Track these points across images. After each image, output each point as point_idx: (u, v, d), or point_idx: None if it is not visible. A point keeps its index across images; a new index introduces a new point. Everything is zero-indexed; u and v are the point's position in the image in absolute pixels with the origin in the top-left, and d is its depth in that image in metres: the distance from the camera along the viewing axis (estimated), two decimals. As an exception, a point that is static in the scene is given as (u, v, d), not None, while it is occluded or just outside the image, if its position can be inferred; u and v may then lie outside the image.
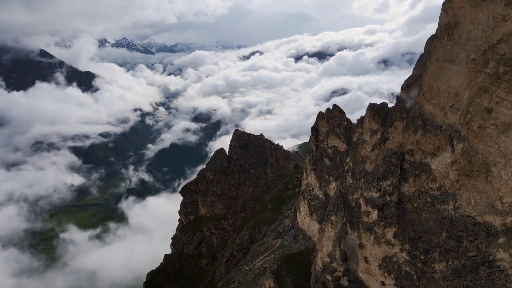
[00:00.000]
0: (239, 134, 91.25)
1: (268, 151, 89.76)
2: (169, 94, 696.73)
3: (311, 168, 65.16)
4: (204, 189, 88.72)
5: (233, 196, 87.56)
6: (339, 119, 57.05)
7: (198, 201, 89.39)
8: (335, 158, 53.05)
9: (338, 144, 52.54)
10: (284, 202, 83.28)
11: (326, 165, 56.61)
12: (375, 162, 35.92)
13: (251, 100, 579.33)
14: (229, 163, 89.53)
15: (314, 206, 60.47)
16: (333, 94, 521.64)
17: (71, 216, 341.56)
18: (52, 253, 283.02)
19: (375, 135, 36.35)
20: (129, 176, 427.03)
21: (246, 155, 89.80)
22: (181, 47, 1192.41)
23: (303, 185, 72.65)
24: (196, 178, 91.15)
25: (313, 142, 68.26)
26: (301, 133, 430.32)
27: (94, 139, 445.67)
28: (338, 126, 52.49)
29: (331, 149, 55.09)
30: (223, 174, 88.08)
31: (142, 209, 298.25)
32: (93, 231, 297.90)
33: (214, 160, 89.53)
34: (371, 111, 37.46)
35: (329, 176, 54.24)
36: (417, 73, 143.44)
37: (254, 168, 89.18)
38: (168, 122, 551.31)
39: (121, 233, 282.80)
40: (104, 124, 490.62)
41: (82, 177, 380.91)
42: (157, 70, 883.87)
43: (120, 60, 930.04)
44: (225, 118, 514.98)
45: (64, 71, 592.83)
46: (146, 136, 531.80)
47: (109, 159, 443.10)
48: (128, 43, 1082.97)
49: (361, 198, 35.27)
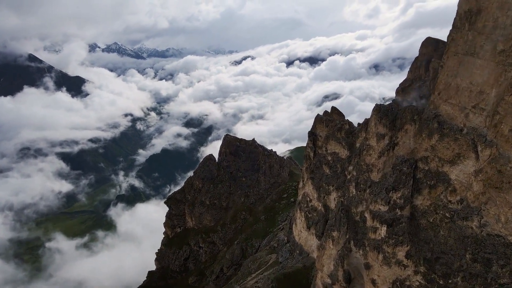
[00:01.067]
0: (229, 139, 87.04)
1: (260, 158, 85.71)
2: (161, 99, 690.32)
3: (309, 176, 61.18)
4: (191, 199, 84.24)
5: (223, 207, 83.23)
6: (340, 123, 53.75)
7: (185, 212, 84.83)
8: (335, 166, 49.72)
9: (339, 150, 49.19)
10: (279, 213, 79.14)
11: (325, 173, 53.23)
12: (382, 171, 32.47)
13: (242, 105, 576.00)
14: (218, 170, 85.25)
15: (312, 218, 56.92)
16: (325, 99, 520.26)
17: (59, 224, 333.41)
18: (37, 263, 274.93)
19: (382, 140, 32.64)
20: (119, 182, 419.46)
21: (237, 162, 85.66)
22: (172, 52, 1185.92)
23: (300, 195, 68.19)
24: (183, 187, 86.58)
25: (310, 148, 63.94)
26: (293, 138, 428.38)
27: (83, 145, 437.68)
28: (338, 130, 49.18)
29: (331, 156, 51.68)
30: (212, 183, 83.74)
31: (131, 216, 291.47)
32: (80, 239, 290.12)
33: (203, 167, 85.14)
34: (378, 112, 33.63)
35: (329, 185, 50.99)
36: (412, 76, 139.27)
37: (245, 176, 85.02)
38: (159, 127, 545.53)
39: (109, 241, 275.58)
40: (93, 130, 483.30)
41: (70, 183, 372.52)
42: (148, 75, 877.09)
43: (111, 65, 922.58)
44: (216, 123, 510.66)
45: (54, 76, 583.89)
46: (137, 141, 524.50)
47: (98, 165, 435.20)
48: (119, 48, 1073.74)
49: (367, 212, 31.73)
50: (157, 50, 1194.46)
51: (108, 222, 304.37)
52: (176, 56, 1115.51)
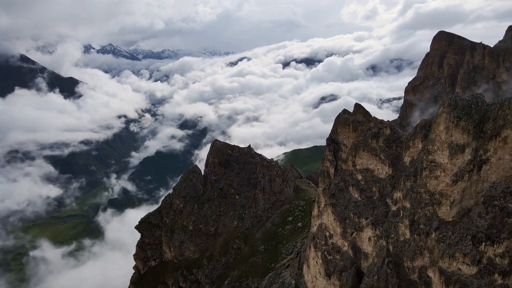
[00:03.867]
0: (219, 146, 66.11)
1: (258, 169, 65.02)
2: (155, 100, 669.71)
3: (328, 202, 42.99)
4: (170, 223, 63.21)
5: (211, 233, 62.40)
6: (376, 126, 37.66)
7: (161, 240, 63.74)
8: (369, 189, 36.18)
9: (375, 166, 35.64)
10: (282, 242, 58.54)
11: (353, 199, 38.57)
12: (459, 205, 22.08)
13: (238, 107, 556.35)
14: (205, 186, 64.47)
15: (334, 263, 40.44)
16: (322, 101, 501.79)
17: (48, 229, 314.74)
18: (21, 273, 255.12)
19: (460, 154, 21.62)
20: (111, 185, 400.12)
21: (228, 175, 64.99)
22: (168, 53, 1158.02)
23: (314, 225, 48.70)
24: (160, 207, 65.53)
25: (330, 162, 45.85)
26: (288, 140, 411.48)
27: (74, 147, 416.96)
28: (374, 137, 35.97)
29: (362, 174, 37.56)
30: (197, 202, 62.94)
31: (120, 223, 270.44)
32: (67, 247, 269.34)
33: (185, 182, 64.19)
34: (453, 109, 21.99)
35: (360, 218, 36.47)
36: (423, 74, 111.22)
37: (239, 193, 64.33)
38: (154, 129, 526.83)
39: (96, 250, 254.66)
40: (86, 131, 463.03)
41: (58, 188, 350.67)
42: (144, 76, 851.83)
43: (106, 67, 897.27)
44: (211, 125, 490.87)
45: (46, 76, 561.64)
46: (130, 143, 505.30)
47: (90, 168, 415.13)
48: (114, 49, 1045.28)
49: (433, 270, 22.28)
50: (152, 51, 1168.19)
51: (96, 229, 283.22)
52: (171, 57, 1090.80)
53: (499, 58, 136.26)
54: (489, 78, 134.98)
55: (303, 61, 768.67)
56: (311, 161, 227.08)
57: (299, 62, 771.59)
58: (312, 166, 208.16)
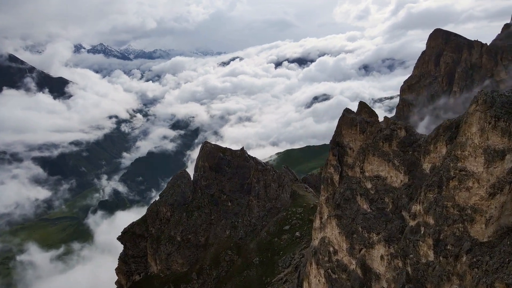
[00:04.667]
0: (209, 149, 60.59)
1: (253, 174, 59.68)
2: (147, 100, 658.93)
3: (332, 214, 37.82)
4: (156, 233, 57.59)
5: (201, 244, 56.91)
6: (389, 126, 32.86)
7: (146, 252, 58.10)
8: (381, 200, 31.27)
9: (388, 173, 30.98)
10: (279, 254, 53.30)
11: (361, 210, 33.97)
12: (496, 223, 18.37)
13: (230, 107, 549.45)
14: (194, 193, 58.95)
15: (340, 283, 35.21)
16: (315, 100, 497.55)
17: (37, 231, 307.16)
18: (8, 278, 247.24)
19: (499, 161, 17.56)
20: (102, 187, 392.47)
21: (220, 181, 59.56)
22: (160, 53, 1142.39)
23: (316, 239, 43.79)
24: (145, 216, 59.83)
25: (334, 168, 41.40)
26: (280, 140, 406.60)
27: (64, 148, 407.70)
28: (386, 139, 31.26)
29: (373, 182, 32.76)
30: (186, 210, 57.41)
31: (110, 225, 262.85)
32: (55, 251, 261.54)
33: (172, 188, 58.61)
34: (489, 107, 17.97)
35: (370, 232, 31.67)
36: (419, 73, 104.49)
37: (232, 199, 58.94)
38: (145, 130, 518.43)
39: (86, 253, 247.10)
40: (76, 132, 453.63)
41: (47, 190, 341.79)
42: (135, 76, 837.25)
43: (96, 66, 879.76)
44: (203, 125, 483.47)
45: (35, 76, 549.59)
46: (122, 144, 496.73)
47: (80, 169, 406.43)
48: (105, 49, 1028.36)
49: None
50: (144, 51, 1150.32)
51: (85, 232, 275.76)
52: (163, 57, 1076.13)
53: (497, 56, 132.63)
54: (487, 76, 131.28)
55: (295, 60, 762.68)
56: (304, 161, 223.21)
57: (291, 62, 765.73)
58: (306, 166, 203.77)
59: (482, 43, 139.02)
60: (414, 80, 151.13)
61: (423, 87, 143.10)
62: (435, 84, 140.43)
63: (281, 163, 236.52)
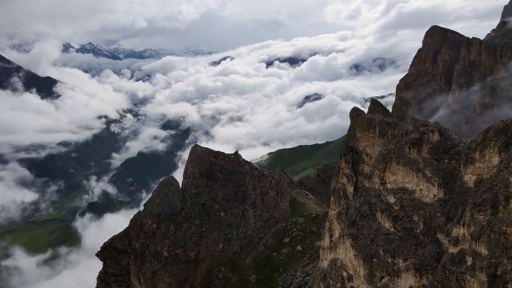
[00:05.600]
0: (199, 153, 54.02)
1: (248, 181, 53.34)
2: (137, 100, 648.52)
3: (346, 232, 32.58)
4: (140, 248, 50.93)
5: (190, 259, 50.37)
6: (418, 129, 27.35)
7: (130, 270, 51.38)
8: (408, 218, 25.92)
9: (417, 185, 25.61)
10: (278, 270, 47.05)
11: (383, 230, 28.06)
12: None
13: (221, 107, 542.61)
14: (183, 202, 52.42)
15: None
16: (306, 100, 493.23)
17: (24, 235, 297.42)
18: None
19: None
20: (91, 188, 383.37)
21: (212, 188, 53.11)
22: (150, 53, 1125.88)
23: (324, 259, 36.91)
24: (128, 228, 53.12)
25: (347, 178, 35.36)
26: (272, 140, 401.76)
27: (52, 149, 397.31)
28: (415, 145, 25.95)
29: (397, 196, 27.16)
30: (174, 222, 50.87)
31: (98, 228, 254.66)
32: (42, 255, 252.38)
33: (158, 197, 52.00)
34: None
35: (395, 257, 26.27)
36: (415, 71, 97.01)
37: (225, 209, 52.55)
38: (136, 130, 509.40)
39: (73, 257, 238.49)
40: (64, 132, 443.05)
41: (34, 192, 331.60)
42: (125, 76, 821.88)
43: (86, 66, 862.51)
44: (194, 125, 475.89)
45: (22, 76, 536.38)
46: (111, 144, 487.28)
47: (68, 170, 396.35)
48: (94, 48, 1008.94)
49: None
50: (134, 51, 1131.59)
51: (73, 236, 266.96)
52: (153, 57, 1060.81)
53: (496, 53, 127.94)
54: (486, 74, 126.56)
55: (286, 60, 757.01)
56: (296, 161, 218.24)
57: (282, 61, 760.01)
58: (298, 166, 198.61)
59: (480, 40, 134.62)
60: (411, 78, 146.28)
61: (420, 85, 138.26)
62: (433, 82, 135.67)
63: (272, 163, 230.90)
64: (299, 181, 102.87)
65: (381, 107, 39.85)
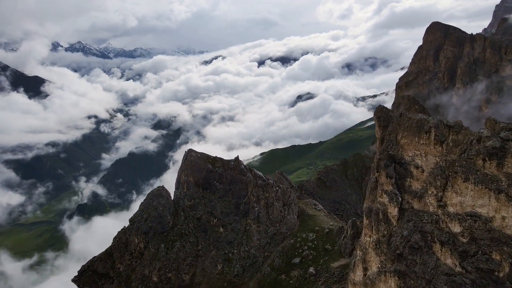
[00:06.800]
0: (194, 159, 46.11)
1: (251, 191, 45.71)
2: (128, 100, 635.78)
3: (391, 268, 25.62)
4: (125, 271, 42.90)
5: (184, 284, 42.50)
6: (497, 136, 20.59)
7: (112, 299, 43.46)
8: (484, 255, 20.00)
9: (497, 211, 19.44)
10: (288, 298, 39.61)
11: (444, 268, 21.94)
12: None
13: (213, 106, 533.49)
14: (176, 215, 44.52)
15: None
16: (298, 99, 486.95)
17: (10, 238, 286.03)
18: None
19: None
20: (80, 189, 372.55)
21: (209, 200, 45.32)
22: (140, 52, 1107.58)
23: None
24: (110, 248, 45.03)
25: (390, 196, 24.40)
26: (264, 140, 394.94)
27: (39, 150, 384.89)
28: (494, 156, 19.53)
29: (464, 224, 20.88)
30: (164, 240, 42.99)
31: (86, 232, 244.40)
32: (28, 260, 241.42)
33: (146, 211, 44.06)
34: None
35: None
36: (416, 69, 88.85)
37: (224, 224, 44.84)
38: (126, 130, 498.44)
39: (60, 262, 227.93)
40: (52, 133, 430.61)
41: (20, 194, 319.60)
42: (115, 75, 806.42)
43: (75, 65, 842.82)
44: (185, 125, 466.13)
45: (9, 75, 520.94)
46: (101, 145, 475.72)
47: (56, 171, 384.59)
48: (84, 47, 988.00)
49: None
50: (124, 50, 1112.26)
51: (60, 239, 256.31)
52: (144, 56, 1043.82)
53: (500, 50, 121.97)
54: (491, 71, 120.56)
55: (278, 59, 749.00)
56: (289, 161, 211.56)
57: (274, 60, 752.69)
58: (291, 166, 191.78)
59: (485, 36, 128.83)
60: (411, 76, 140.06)
61: (422, 83, 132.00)
62: (436, 80, 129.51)
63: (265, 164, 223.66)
64: (299, 185, 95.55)
65: (418, 105, 32.54)
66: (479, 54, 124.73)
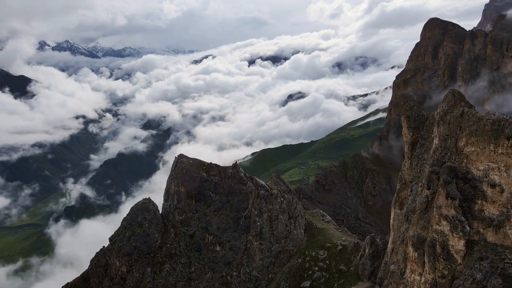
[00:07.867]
0: (186, 166, 39.21)
1: (252, 203, 39.07)
2: (116, 99, 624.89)
3: None
4: (104, 303, 36.22)
5: (176, 317, 35.95)
6: None
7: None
8: None
9: None
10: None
11: None
12: None
13: (203, 106, 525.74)
14: (164, 233, 37.68)
15: None
16: (289, 99, 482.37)
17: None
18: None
19: None
20: (68, 191, 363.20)
21: (204, 213, 38.50)
22: (129, 51, 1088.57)
23: None
24: (86, 272, 37.92)
25: (451, 224, 22.63)
26: (254, 140, 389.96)
27: (25, 151, 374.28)
28: None
29: None
30: (151, 263, 36.13)
31: (73, 235, 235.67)
32: (13, 265, 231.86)
33: (130, 228, 37.14)
34: None
35: None
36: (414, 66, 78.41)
37: (221, 242, 38.10)
38: (115, 130, 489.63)
39: (46, 268, 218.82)
40: (39, 133, 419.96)
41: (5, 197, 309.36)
42: (104, 74, 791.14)
43: (62, 64, 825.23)
44: (175, 125, 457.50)
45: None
46: (89, 145, 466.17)
47: (43, 173, 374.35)
48: (71, 46, 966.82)
49: None
50: (113, 49, 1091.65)
51: (46, 243, 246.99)
52: (133, 55, 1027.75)
53: (502, 47, 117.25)
54: (493, 68, 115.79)
55: (269, 58, 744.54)
56: (280, 161, 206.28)
57: (265, 59, 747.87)
58: (282, 166, 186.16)
59: (485, 32, 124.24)
60: (409, 74, 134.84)
61: (421, 81, 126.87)
62: (435, 77, 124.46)
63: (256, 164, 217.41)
64: (296, 188, 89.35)
65: (465, 102, 26.28)
66: (480, 50, 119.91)
